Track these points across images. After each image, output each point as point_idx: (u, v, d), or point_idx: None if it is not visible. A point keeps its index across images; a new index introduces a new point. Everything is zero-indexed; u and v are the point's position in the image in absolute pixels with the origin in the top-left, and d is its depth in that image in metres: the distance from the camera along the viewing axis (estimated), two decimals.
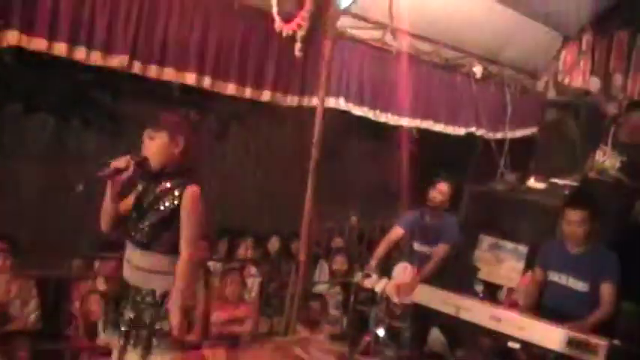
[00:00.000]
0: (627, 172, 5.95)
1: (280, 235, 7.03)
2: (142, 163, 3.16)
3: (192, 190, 3.15)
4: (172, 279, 3.15)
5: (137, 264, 3.20)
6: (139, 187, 3.28)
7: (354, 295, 5.61)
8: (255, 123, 6.97)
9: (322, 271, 6.85)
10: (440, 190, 5.66)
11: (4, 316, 5.13)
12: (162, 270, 3.18)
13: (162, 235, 3.17)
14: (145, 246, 3.18)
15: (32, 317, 5.25)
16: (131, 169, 3.11)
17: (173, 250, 3.16)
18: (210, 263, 5.70)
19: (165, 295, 3.16)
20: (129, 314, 3.20)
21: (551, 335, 4.38)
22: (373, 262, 5.68)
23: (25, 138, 5.95)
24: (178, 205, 3.14)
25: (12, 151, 5.79)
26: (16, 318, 5.20)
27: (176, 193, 3.16)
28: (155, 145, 3.19)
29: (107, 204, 3.23)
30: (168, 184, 3.21)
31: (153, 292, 3.17)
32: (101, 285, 5.65)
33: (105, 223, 3.29)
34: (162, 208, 3.17)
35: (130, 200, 3.29)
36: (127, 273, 3.26)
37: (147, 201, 3.23)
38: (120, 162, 3.11)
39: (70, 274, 5.82)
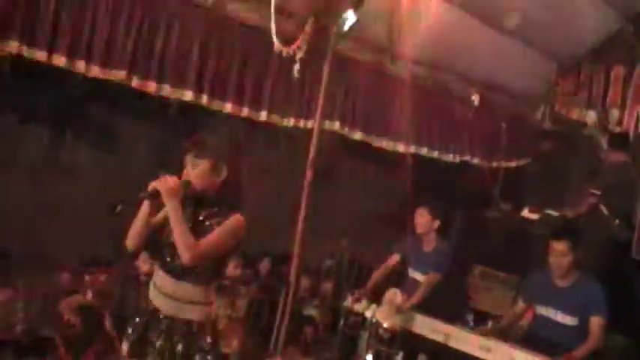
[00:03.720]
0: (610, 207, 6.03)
1: (272, 256, 7.00)
2: (185, 185, 3.04)
3: (236, 217, 3.04)
4: (208, 309, 3.08)
5: (171, 293, 3.06)
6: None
7: (343, 319, 5.59)
8: (250, 143, 6.97)
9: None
10: (420, 216, 5.66)
11: None
12: (199, 300, 3.07)
13: (200, 266, 3.02)
14: (180, 274, 3.05)
15: (18, 329, 5.19)
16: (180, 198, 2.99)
17: (208, 280, 3.08)
18: None
19: (202, 326, 3.07)
20: (159, 343, 3.06)
21: None
22: (367, 287, 5.69)
23: (17, 149, 5.93)
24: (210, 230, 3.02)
25: (3, 161, 5.76)
26: (2, 329, 5.15)
27: (217, 219, 3.05)
28: (196, 173, 3.07)
29: (140, 224, 3.08)
30: (209, 211, 3.09)
31: (188, 322, 3.05)
32: (89, 299, 5.61)
33: (134, 242, 3.13)
34: (203, 235, 3.01)
35: (163, 220, 3.13)
36: (158, 301, 3.10)
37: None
38: (162, 183, 2.98)
39: (58, 286, 5.77)
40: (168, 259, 3.08)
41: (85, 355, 5.25)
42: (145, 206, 3.05)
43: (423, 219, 5.66)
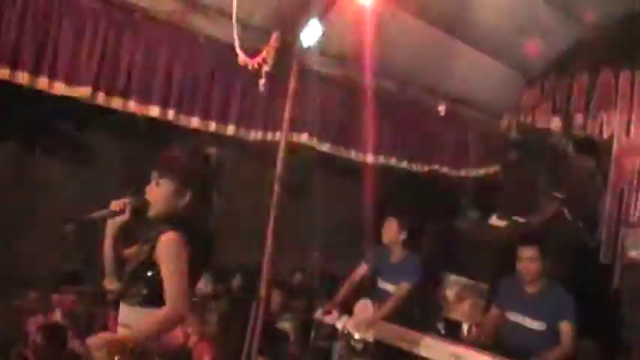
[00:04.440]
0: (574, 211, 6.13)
1: (243, 271, 6.97)
2: (140, 209, 2.92)
3: (167, 237, 2.81)
4: (178, 332, 2.99)
5: (128, 322, 2.88)
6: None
7: (315, 331, 5.59)
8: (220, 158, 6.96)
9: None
10: (388, 226, 5.70)
11: None
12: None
13: (151, 289, 2.84)
14: (135, 301, 2.87)
15: None
16: (127, 213, 2.88)
17: (152, 303, 2.85)
18: None
19: (177, 351, 2.96)
20: None
21: None
22: (337, 299, 5.69)
23: None
24: (151, 255, 2.84)
25: None
26: None
27: (150, 241, 2.87)
28: (159, 192, 2.92)
29: (106, 251, 2.98)
30: (152, 233, 2.91)
31: (161, 350, 2.88)
32: (58, 318, 5.54)
33: (108, 273, 3.01)
34: (142, 261, 2.88)
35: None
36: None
37: (131, 250, 3.01)
38: (117, 204, 2.89)
39: (26, 306, 5.70)
40: (120, 286, 2.96)
41: None
42: (107, 229, 2.96)
43: (391, 229, 5.70)
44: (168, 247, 2.79)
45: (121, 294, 2.94)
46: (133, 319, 2.86)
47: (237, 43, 4.93)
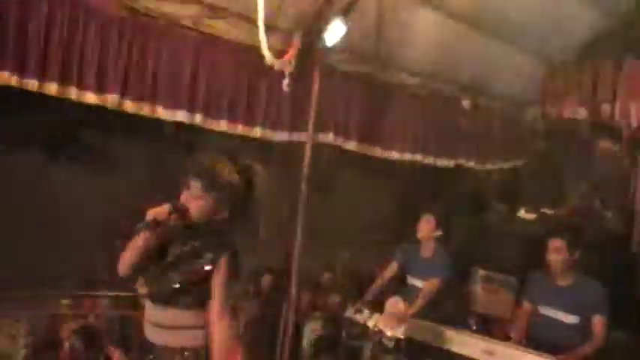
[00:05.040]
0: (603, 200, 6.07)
1: (273, 271, 6.99)
2: (182, 215, 2.93)
3: (226, 260, 2.93)
4: (201, 333, 2.97)
5: (159, 320, 2.98)
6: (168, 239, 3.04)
7: (345, 330, 5.59)
8: (246, 159, 6.98)
9: None
10: (426, 222, 5.69)
11: None
12: (191, 325, 2.98)
13: (188, 294, 2.95)
14: (166, 301, 2.97)
15: (21, 355, 5.20)
16: (170, 220, 2.90)
17: (198, 305, 2.98)
18: None
19: (195, 352, 2.97)
20: None
21: None
22: (368, 297, 5.70)
23: (12, 174, 5.92)
24: (212, 270, 2.93)
25: None
26: (4, 356, 5.15)
27: (209, 255, 2.95)
28: (199, 205, 2.96)
29: (136, 252, 2.98)
30: (199, 243, 2.98)
31: (182, 350, 2.97)
32: (91, 322, 5.61)
33: (125, 269, 3.04)
34: (190, 270, 2.95)
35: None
36: (149, 332, 3.04)
37: (174, 255, 3.01)
38: (160, 212, 2.89)
39: (59, 312, 5.77)
40: (153, 287, 3.01)
41: None
42: (141, 237, 2.94)
43: (428, 225, 5.69)
44: (228, 266, 2.93)
45: (158, 296, 2.99)
46: (173, 320, 2.97)
47: (264, 44, 4.93)
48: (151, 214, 2.90)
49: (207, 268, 2.94)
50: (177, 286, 2.94)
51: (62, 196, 5.95)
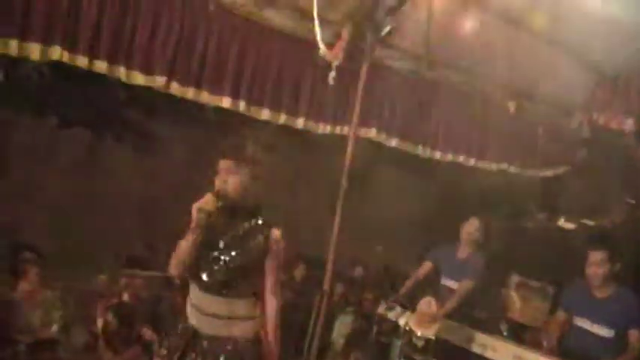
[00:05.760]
0: None
1: (307, 261, 7.00)
2: (225, 202, 2.93)
3: (278, 234, 2.99)
4: (252, 324, 2.98)
5: (211, 311, 2.96)
6: (216, 226, 3.01)
7: (377, 326, 5.58)
8: (286, 150, 7.00)
9: None
10: (472, 227, 5.65)
11: (28, 325, 5.17)
12: (243, 315, 2.97)
13: (243, 280, 2.96)
14: (221, 291, 2.96)
15: (54, 328, 5.28)
16: (213, 209, 2.90)
17: (250, 294, 3.00)
18: None
19: (248, 342, 2.97)
20: None
21: None
22: (401, 294, 5.68)
23: (59, 151, 6.02)
24: (264, 250, 2.95)
25: (46, 163, 5.86)
26: (39, 328, 5.24)
27: (260, 236, 2.97)
28: (236, 181, 2.97)
29: (186, 247, 2.95)
30: (247, 224, 2.99)
31: (234, 339, 2.96)
32: (125, 300, 5.68)
33: (180, 266, 3.00)
34: (245, 251, 2.94)
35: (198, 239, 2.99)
36: (198, 321, 3.00)
37: (224, 241, 2.99)
38: (205, 203, 2.89)
39: (95, 288, 5.86)
40: (205, 277, 2.97)
41: (122, 355, 5.34)
42: (191, 236, 2.93)
43: (471, 228, 5.65)
44: (280, 242, 2.98)
45: (212, 285, 2.97)
46: (225, 310, 2.97)
47: (318, 34, 4.92)
48: (197, 206, 2.89)
49: (261, 248, 2.97)
50: (226, 271, 2.94)
51: (106, 174, 6.04)
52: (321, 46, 5.05)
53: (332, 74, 5.53)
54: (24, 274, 5.22)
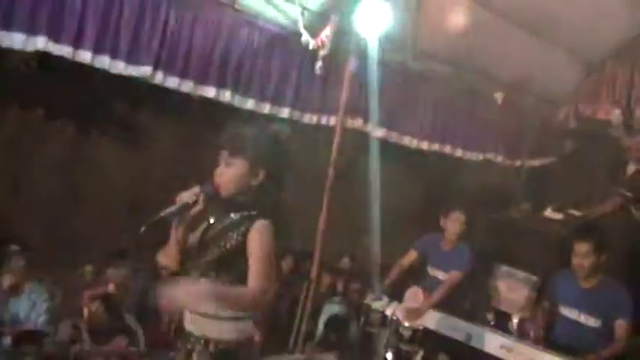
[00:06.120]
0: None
1: (294, 253, 7.00)
2: (212, 195, 2.76)
3: (261, 224, 2.71)
4: (245, 325, 2.80)
5: (202, 310, 2.74)
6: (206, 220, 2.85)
7: (364, 316, 5.59)
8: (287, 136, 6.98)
9: None
10: (454, 218, 5.64)
11: (15, 317, 5.15)
12: (234, 316, 2.76)
13: (224, 274, 2.74)
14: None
15: (41, 320, 5.26)
16: (200, 203, 2.73)
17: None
18: None
19: (239, 345, 2.78)
20: None
21: None
22: (385, 284, 5.68)
23: (43, 143, 5.99)
24: (244, 241, 2.72)
25: (31, 155, 5.83)
26: (25, 319, 5.22)
27: (242, 228, 2.74)
28: (231, 173, 2.76)
29: (174, 243, 2.80)
30: (234, 217, 2.79)
31: (226, 342, 2.76)
32: (111, 291, 5.66)
33: (175, 264, 2.83)
34: (226, 244, 2.75)
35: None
36: (189, 322, 2.83)
37: (210, 235, 2.82)
38: (189, 195, 2.72)
39: (81, 278, 5.84)
40: (193, 272, 2.82)
41: (108, 345, 5.33)
42: (178, 231, 2.79)
43: (456, 221, 5.64)
44: (260, 233, 2.70)
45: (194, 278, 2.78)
46: (212, 308, 2.73)
47: (300, 23, 4.91)
48: (184, 197, 2.73)
49: (239, 238, 2.73)
50: (207, 265, 2.77)
51: (93, 167, 6.01)
52: (304, 32, 5.04)
53: (319, 64, 5.53)
54: (9, 266, 5.19)
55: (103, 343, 5.36)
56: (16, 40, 4.41)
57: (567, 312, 4.95)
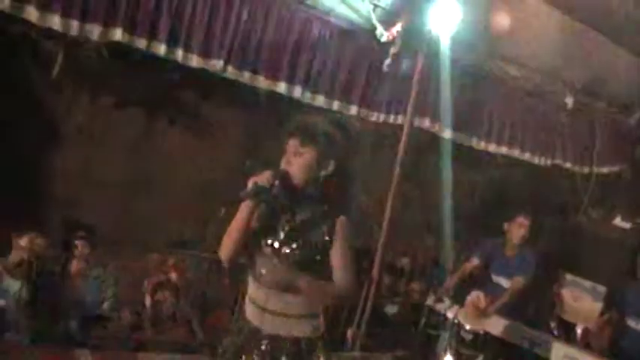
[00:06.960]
0: None
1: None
2: (285, 180, 2.64)
3: (344, 220, 2.66)
4: (316, 323, 2.72)
5: (272, 308, 2.67)
6: (274, 211, 2.75)
7: (425, 318, 5.54)
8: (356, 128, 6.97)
9: None
10: (519, 224, 5.54)
11: (80, 301, 5.26)
12: (307, 313, 2.71)
13: (305, 275, 2.64)
14: (282, 287, 2.64)
15: (106, 305, 5.36)
16: (275, 187, 2.60)
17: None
18: None
19: (311, 342, 2.70)
20: None
21: None
22: (447, 287, 5.62)
23: (114, 130, 6.10)
24: (329, 241, 2.64)
25: (101, 142, 5.94)
26: (90, 304, 5.33)
27: (323, 227, 2.66)
28: (301, 162, 2.66)
29: (239, 228, 2.67)
30: (308, 213, 2.70)
31: (296, 339, 2.68)
32: (174, 280, 5.74)
33: (229, 252, 2.71)
34: (306, 244, 2.66)
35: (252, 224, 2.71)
36: (257, 318, 2.71)
37: (283, 231, 2.70)
38: (262, 178, 2.60)
39: (145, 266, 5.93)
40: (264, 271, 2.67)
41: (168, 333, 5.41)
42: (244, 209, 2.66)
43: (521, 227, 5.55)
44: (344, 230, 2.66)
45: (272, 280, 2.67)
46: (288, 307, 2.70)
47: (373, 16, 4.88)
48: (253, 180, 2.60)
49: (327, 238, 2.66)
50: (287, 266, 2.66)
51: (161, 155, 6.10)
52: (378, 25, 5.00)
53: (387, 61, 5.49)
54: (76, 251, 5.30)
55: (163, 331, 5.46)
56: (94, 31, 4.49)
57: (635, 324, 4.81)
